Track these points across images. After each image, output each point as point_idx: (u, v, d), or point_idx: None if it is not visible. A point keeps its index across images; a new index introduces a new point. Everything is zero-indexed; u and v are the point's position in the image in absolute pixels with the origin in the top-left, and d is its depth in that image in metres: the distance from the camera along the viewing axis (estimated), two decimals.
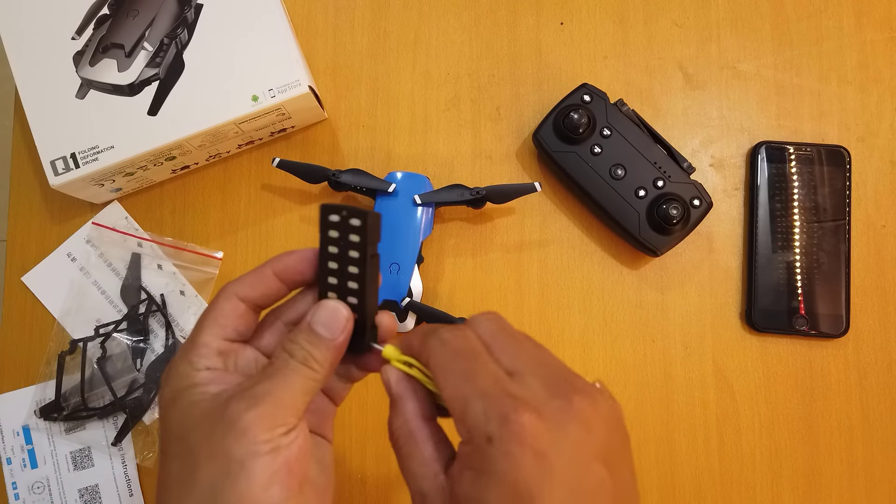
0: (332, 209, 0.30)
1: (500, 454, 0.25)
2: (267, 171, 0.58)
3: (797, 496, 0.54)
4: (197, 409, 0.28)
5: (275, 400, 0.28)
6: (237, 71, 0.52)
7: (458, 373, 0.28)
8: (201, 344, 0.30)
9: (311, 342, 0.30)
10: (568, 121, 0.54)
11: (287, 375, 0.29)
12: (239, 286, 0.31)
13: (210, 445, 0.27)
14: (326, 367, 0.30)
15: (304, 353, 0.29)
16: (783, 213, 0.56)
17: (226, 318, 0.31)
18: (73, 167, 0.51)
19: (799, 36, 0.59)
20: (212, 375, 0.30)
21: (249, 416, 0.27)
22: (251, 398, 0.28)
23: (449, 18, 0.60)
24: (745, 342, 0.56)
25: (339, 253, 0.31)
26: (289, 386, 0.28)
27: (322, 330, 0.30)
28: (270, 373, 0.29)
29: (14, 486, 0.55)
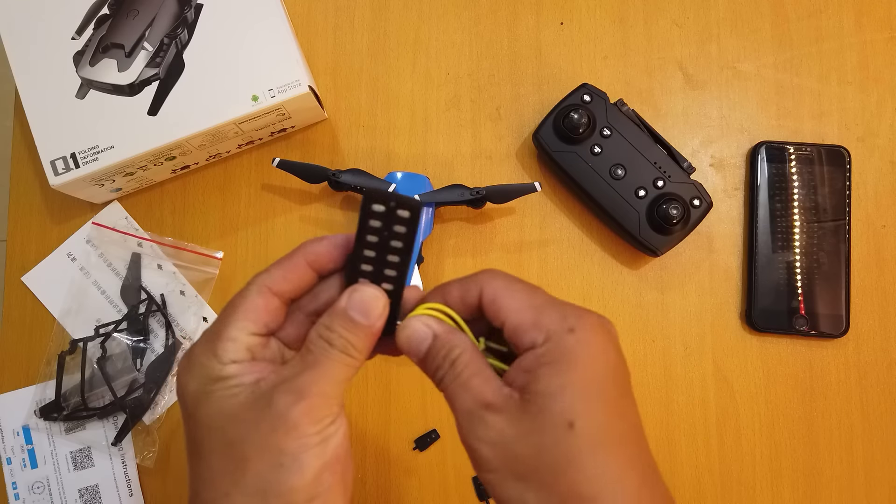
0: (378, 198, 0.29)
1: (582, 342, 0.28)
2: (267, 171, 0.58)
3: (797, 496, 0.54)
4: (236, 401, 0.28)
5: (319, 391, 0.28)
6: (237, 71, 0.52)
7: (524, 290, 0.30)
8: (229, 338, 0.29)
9: (348, 329, 0.29)
10: (568, 121, 0.54)
11: (327, 365, 0.29)
12: (271, 279, 0.30)
13: (258, 439, 0.27)
14: (364, 353, 0.30)
15: (342, 341, 0.29)
16: (783, 213, 0.56)
17: (257, 312, 0.30)
18: (73, 167, 0.51)
19: (799, 36, 0.59)
20: (241, 368, 0.29)
21: (298, 409, 0.27)
22: (297, 392, 0.28)
23: (449, 18, 0.60)
24: (745, 342, 0.56)
25: (380, 241, 0.30)
26: (331, 376, 0.29)
27: (359, 316, 0.29)
28: (311, 362, 0.29)
29: (14, 485, 0.55)
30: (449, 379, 0.29)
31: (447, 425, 0.55)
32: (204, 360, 0.29)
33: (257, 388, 0.28)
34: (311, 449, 0.27)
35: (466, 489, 0.54)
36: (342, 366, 0.29)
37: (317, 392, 0.28)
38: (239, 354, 0.29)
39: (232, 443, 0.28)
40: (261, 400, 0.28)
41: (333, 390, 0.29)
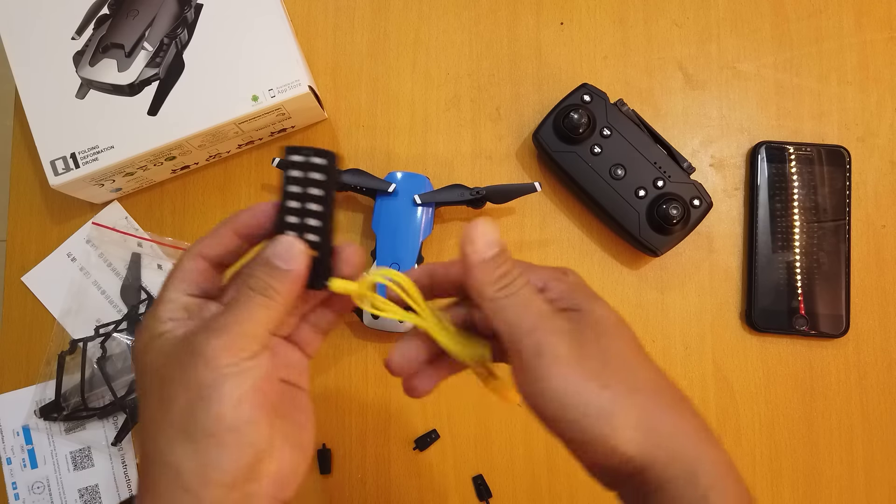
0: (295, 149, 0.32)
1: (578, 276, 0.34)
2: (267, 171, 0.58)
3: (797, 496, 0.54)
4: (167, 346, 0.30)
5: (236, 328, 0.29)
6: (237, 71, 0.52)
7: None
8: (167, 300, 0.32)
9: (267, 273, 0.31)
10: (568, 121, 0.54)
11: (246, 305, 0.30)
12: (200, 245, 0.33)
13: (182, 375, 0.29)
14: (284, 295, 0.31)
15: (262, 283, 0.30)
16: (783, 213, 0.56)
17: (189, 274, 0.32)
18: (73, 167, 0.51)
19: (799, 36, 0.59)
20: (176, 323, 0.31)
21: (213, 344, 0.29)
22: (213, 329, 0.29)
23: (449, 18, 0.60)
24: (745, 342, 0.56)
25: (301, 192, 0.32)
26: (248, 315, 0.30)
27: (278, 261, 0.31)
28: (231, 305, 0.30)
29: (14, 486, 0.55)
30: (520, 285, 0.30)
31: (447, 425, 0.55)
32: (148, 321, 0.32)
33: (186, 335, 0.30)
34: (229, 379, 0.28)
35: (466, 489, 0.54)
36: (259, 306, 0.30)
37: (232, 329, 0.29)
38: (176, 313, 0.31)
39: (162, 383, 0.29)
40: (186, 343, 0.30)
41: (252, 329, 0.30)
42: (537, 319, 0.30)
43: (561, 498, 0.54)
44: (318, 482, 0.55)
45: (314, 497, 0.55)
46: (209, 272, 0.33)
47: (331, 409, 0.56)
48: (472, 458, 0.55)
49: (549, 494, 0.54)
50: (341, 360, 0.56)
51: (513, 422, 0.55)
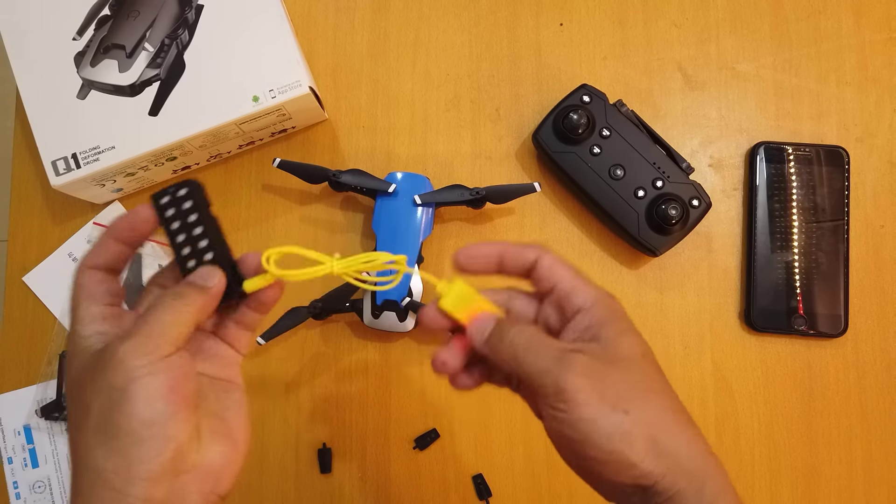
0: (160, 193, 0.34)
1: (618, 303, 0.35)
2: (267, 172, 0.58)
3: (796, 496, 0.54)
4: (86, 357, 0.31)
5: (147, 331, 0.30)
6: (238, 71, 0.52)
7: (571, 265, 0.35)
8: (80, 318, 0.32)
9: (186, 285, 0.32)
10: (567, 121, 0.54)
11: (158, 309, 0.31)
12: (86, 258, 0.34)
13: (96, 380, 0.30)
14: (198, 304, 0.32)
15: (176, 289, 0.32)
16: (782, 214, 0.56)
17: (89, 287, 0.33)
18: (74, 167, 0.51)
19: (798, 36, 0.59)
20: (99, 336, 0.32)
21: (124, 347, 0.29)
22: (125, 335, 0.30)
23: (449, 19, 0.60)
24: (744, 342, 0.56)
25: (181, 225, 0.34)
26: (160, 318, 0.31)
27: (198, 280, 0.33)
28: (145, 312, 0.31)
29: (15, 485, 0.55)
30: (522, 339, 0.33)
31: (447, 425, 0.55)
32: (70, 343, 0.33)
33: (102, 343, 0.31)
34: (140, 379, 0.29)
35: (466, 489, 0.54)
36: (171, 309, 0.31)
37: (144, 331, 0.30)
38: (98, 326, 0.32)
39: (81, 390, 0.30)
40: (101, 351, 0.31)
41: (163, 330, 0.31)
42: (550, 362, 0.31)
43: (561, 497, 0.54)
44: (318, 482, 0.55)
45: (314, 497, 0.55)
46: (106, 279, 0.34)
47: (331, 409, 0.56)
48: (472, 457, 0.55)
49: (549, 494, 0.54)
50: (341, 360, 0.56)
51: (513, 422, 0.55)
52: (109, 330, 0.32)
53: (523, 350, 0.32)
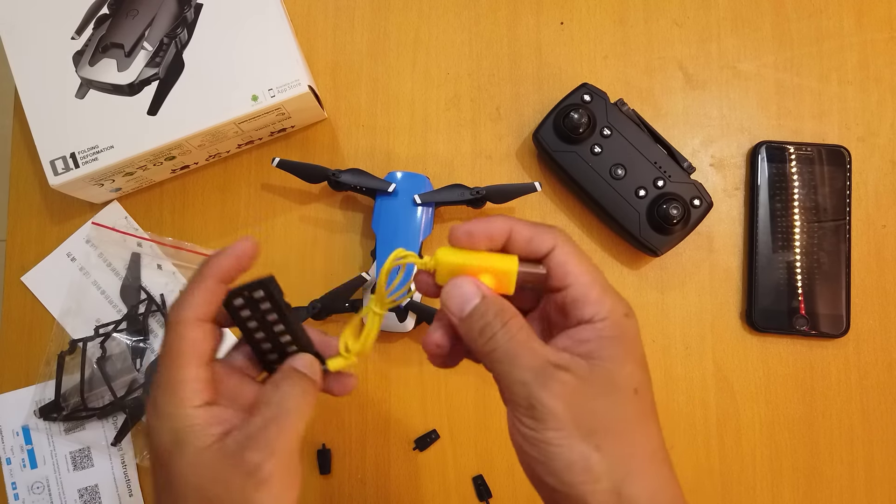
0: (234, 294, 0.32)
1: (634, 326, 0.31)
2: (267, 171, 0.58)
3: (797, 496, 0.54)
4: (209, 455, 0.29)
5: (283, 445, 0.29)
6: (237, 71, 0.52)
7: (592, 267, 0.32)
8: (188, 379, 0.30)
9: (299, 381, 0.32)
10: (568, 120, 0.54)
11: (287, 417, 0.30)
12: (193, 309, 0.31)
13: (232, 496, 0.28)
14: (313, 403, 0.32)
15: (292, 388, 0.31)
16: (783, 213, 0.56)
17: (200, 344, 0.31)
18: (73, 167, 0.51)
19: (799, 35, 0.59)
20: (207, 414, 0.30)
21: (270, 465, 0.28)
22: (265, 447, 0.29)
23: (449, 18, 0.60)
24: (745, 342, 0.56)
25: (259, 323, 0.33)
26: (291, 427, 0.30)
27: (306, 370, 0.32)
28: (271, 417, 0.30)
29: (14, 486, 0.55)
30: (504, 338, 0.29)
31: (447, 425, 0.55)
32: (171, 408, 0.30)
33: (227, 442, 0.29)
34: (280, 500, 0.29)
35: (466, 489, 0.54)
36: (298, 418, 0.31)
37: (282, 447, 0.29)
38: (205, 394, 0.30)
39: (210, 500, 0.28)
40: (232, 457, 0.29)
41: (294, 437, 0.30)
42: (528, 373, 0.28)
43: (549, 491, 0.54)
44: (318, 482, 0.55)
45: (314, 497, 0.55)
46: (214, 332, 0.32)
47: (331, 409, 0.56)
48: (472, 458, 0.55)
49: None
50: None
51: None
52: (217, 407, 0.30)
53: (502, 352, 0.29)
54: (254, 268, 0.57)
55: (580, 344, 0.29)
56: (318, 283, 0.56)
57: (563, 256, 0.31)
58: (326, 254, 0.57)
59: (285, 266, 0.57)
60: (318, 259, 0.57)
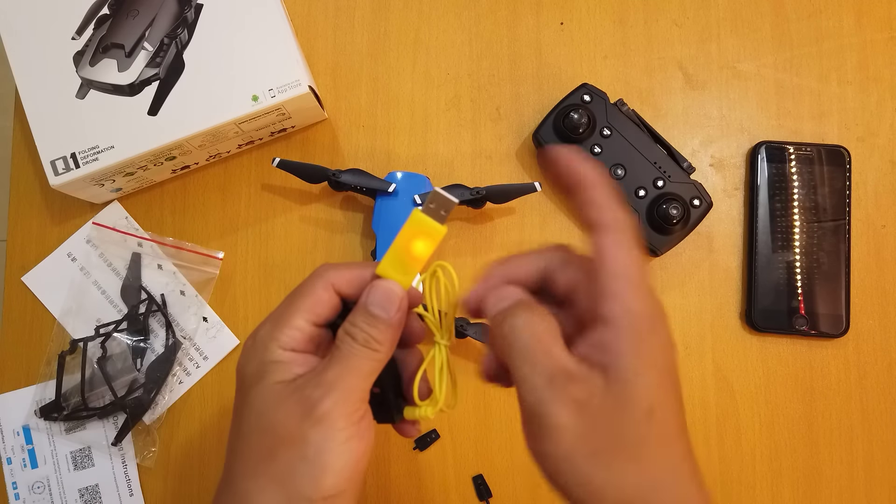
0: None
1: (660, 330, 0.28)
2: (267, 171, 0.58)
3: (797, 496, 0.54)
4: (279, 388, 0.30)
5: (346, 385, 0.29)
6: (237, 71, 0.52)
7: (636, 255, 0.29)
8: (293, 326, 0.31)
9: (369, 323, 0.31)
10: (568, 121, 0.54)
11: (352, 359, 0.30)
12: (338, 277, 0.32)
13: (290, 428, 0.29)
14: (387, 346, 0.31)
15: (364, 334, 0.30)
16: (783, 213, 0.56)
17: (321, 306, 0.32)
18: (74, 167, 0.51)
19: (799, 36, 0.59)
20: (293, 356, 0.31)
21: (327, 403, 0.29)
22: (325, 385, 0.29)
23: (449, 18, 0.60)
24: (745, 342, 0.56)
25: None
26: (356, 370, 0.30)
27: (377, 310, 0.31)
28: (337, 357, 0.30)
29: (14, 485, 0.55)
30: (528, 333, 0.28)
31: (447, 425, 0.55)
32: (267, 341, 0.31)
33: (299, 379, 0.30)
34: (337, 445, 0.28)
35: (466, 489, 0.54)
36: (365, 359, 0.30)
37: (343, 386, 0.29)
38: (296, 343, 0.31)
39: (268, 429, 0.29)
40: (298, 391, 0.29)
41: (360, 384, 0.30)
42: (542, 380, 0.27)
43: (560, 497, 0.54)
44: None
45: None
46: (337, 305, 0.32)
47: None
48: (472, 458, 0.55)
49: (549, 494, 0.54)
50: None
51: (513, 422, 0.55)
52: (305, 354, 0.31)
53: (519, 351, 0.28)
54: (254, 268, 0.57)
55: (598, 351, 0.27)
56: None
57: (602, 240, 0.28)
58: (326, 254, 0.57)
59: (285, 266, 0.57)
60: (318, 259, 0.57)
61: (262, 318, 0.58)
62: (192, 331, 0.56)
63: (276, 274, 0.57)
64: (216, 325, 0.56)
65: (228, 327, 0.56)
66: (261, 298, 0.57)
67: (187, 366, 0.56)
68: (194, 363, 0.56)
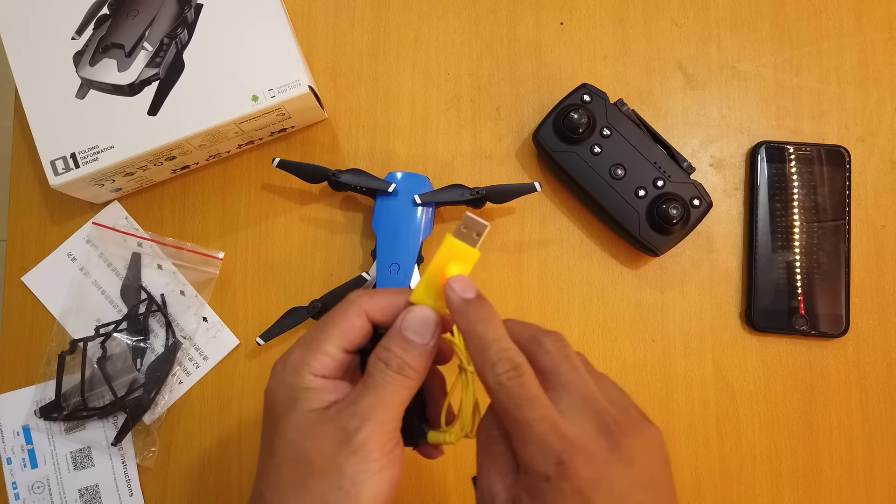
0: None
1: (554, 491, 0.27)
2: (267, 171, 0.58)
3: (797, 496, 0.54)
4: (312, 416, 0.30)
5: (381, 416, 0.29)
6: (237, 71, 0.52)
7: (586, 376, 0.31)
8: (325, 352, 0.31)
9: (403, 349, 0.31)
10: (568, 121, 0.54)
11: (387, 387, 0.30)
12: (371, 304, 0.32)
13: (325, 459, 0.29)
14: (420, 372, 0.31)
15: (398, 360, 0.30)
16: (783, 213, 0.56)
17: (353, 333, 0.32)
18: (73, 167, 0.51)
19: (799, 36, 0.59)
20: (325, 383, 0.31)
21: (363, 434, 0.28)
22: (361, 415, 0.29)
23: (449, 18, 0.60)
24: (744, 342, 0.56)
25: None
26: (390, 399, 0.30)
27: (413, 336, 0.31)
28: (371, 385, 0.30)
29: (14, 485, 0.55)
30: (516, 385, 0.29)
31: None
32: (299, 367, 0.31)
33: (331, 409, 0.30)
34: (372, 475, 0.28)
35: (466, 489, 0.54)
36: (399, 387, 0.30)
37: (378, 417, 0.29)
38: (328, 370, 0.31)
39: (303, 459, 0.29)
40: (332, 421, 0.29)
41: (393, 413, 0.30)
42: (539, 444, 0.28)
43: None
44: None
45: None
46: (368, 332, 0.32)
47: None
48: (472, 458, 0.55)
49: None
50: None
51: None
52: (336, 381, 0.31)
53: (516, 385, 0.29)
54: (254, 268, 0.57)
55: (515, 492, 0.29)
56: (318, 283, 0.57)
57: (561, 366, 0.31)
58: (326, 254, 0.57)
59: (285, 266, 0.57)
60: (318, 259, 0.57)
61: (262, 317, 0.58)
62: (192, 331, 0.56)
63: (276, 274, 0.57)
64: (216, 325, 0.56)
65: (228, 327, 0.56)
66: (261, 298, 0.57)
67: (187, 366, 0.56)
68: (194, 363, 0.56)
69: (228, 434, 0.55)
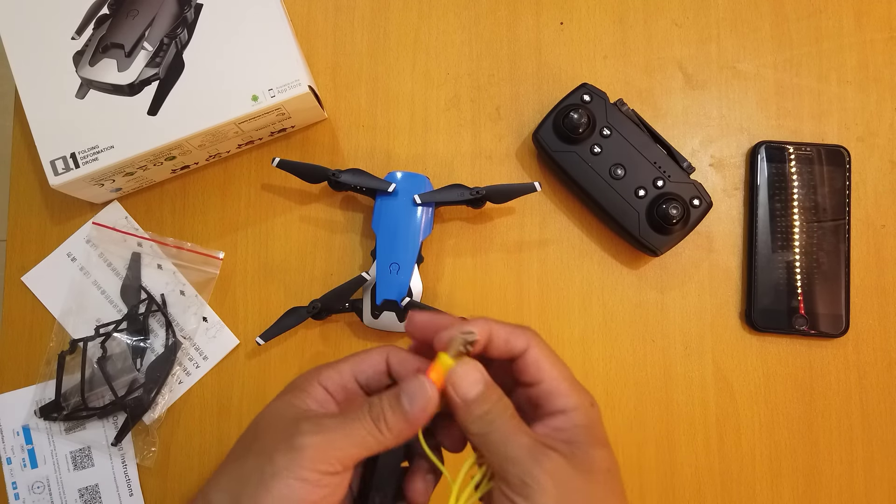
0: None
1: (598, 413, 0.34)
2: (267, 171, 0.58)
3: (797, 496, 0.54)
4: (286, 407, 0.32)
5: (335, 440, 0.30)
6: (237, 71, 0.52)
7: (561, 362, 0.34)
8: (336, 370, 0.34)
9: (390, 405, 0.32)
10: (568, 121, 0.54)
11: (356, 423, 0.31)
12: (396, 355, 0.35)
13: (264, 443, 0.30)
14: (394, 434, 0.32)
15: (378, 411, 0.32)
16: (783, 213, 0.56)
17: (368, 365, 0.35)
18: (73, 167, 0.51)
19: (799, 36, 0.59)
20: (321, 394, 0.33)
21: (309, 440, 0.30)
22: (319, 426, 0.30)
23: (449, 18, 0.60)
24: (744, 342, 0.56)
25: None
26: (352, 435, 0.31)
27: (404, 398, 0.32)
28: (348, 415, 0.31)
29: (14, 485, 0.55)
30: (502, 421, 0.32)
31: None
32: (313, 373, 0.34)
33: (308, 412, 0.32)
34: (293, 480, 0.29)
35: None
36: (367, 433, 0.31)
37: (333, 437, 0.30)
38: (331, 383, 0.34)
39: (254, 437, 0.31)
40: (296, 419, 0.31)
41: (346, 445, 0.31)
42: (523, 452, 0.31)
43: None
44: None
45: None
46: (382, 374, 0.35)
47: None
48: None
49: None
50: None
51: None
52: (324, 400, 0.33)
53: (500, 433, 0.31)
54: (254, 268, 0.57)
55: (558, 431, 0.32)
56: (318, 283, 0.57)
57: (534, 357, 0.34)
58: (326, 254, 0.57)
59: (285, 266, 0.57)
60: (318, 259, 0.57)
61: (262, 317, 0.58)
62: (192, 331, 0.56)
63: (276, 274, 0.57)
64: (216, 324, 0.56)
65: (228, 327, 0.56)
66: (261, 298, 0.57)
67: (187, 366, 0.56)
68: (194, 363, 0.56)
69: (228, 434, 0.55)
